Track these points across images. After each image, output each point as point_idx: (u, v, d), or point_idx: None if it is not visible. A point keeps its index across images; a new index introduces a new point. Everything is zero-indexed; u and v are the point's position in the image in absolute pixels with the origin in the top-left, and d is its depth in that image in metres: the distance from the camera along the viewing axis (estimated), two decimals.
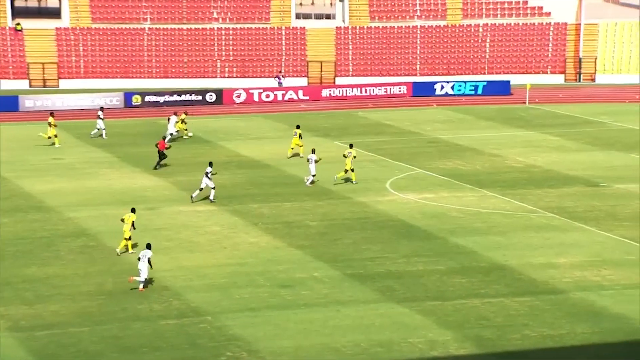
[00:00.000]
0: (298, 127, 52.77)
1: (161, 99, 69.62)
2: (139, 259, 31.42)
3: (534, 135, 57.53)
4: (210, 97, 70.45)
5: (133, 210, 35.93)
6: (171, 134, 55.59)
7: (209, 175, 41.93)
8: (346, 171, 45.29)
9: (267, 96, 71.44)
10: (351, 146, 46.17)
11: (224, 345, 27.30)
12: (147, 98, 69.06)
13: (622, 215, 39.64)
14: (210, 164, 42.78)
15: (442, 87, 73.07)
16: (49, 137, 54.18)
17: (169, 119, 56.47)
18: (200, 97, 70.11)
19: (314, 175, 44.50)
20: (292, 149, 51.57)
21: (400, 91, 73.18)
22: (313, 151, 45.69)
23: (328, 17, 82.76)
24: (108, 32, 78.43)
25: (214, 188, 41.97)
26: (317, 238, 37.31)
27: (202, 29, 79.78)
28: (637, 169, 47.79)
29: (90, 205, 41.93)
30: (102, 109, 58.52)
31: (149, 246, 31.98)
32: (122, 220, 35.30)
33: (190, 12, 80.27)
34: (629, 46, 77.15)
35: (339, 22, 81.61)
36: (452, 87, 73.05)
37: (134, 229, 35.24)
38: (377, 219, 39.53)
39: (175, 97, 69.88)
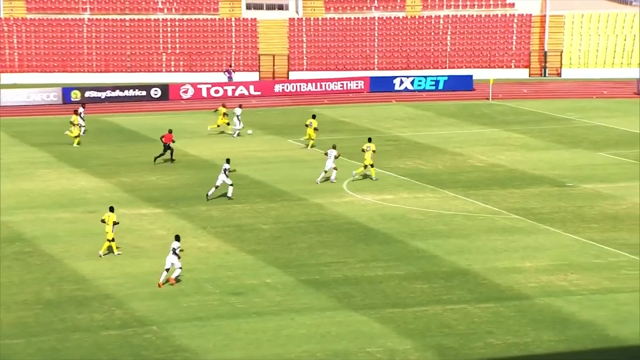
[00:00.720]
0: (314, 116, 53.79)
1: (102, 95, 69.10)
2: (173, 250, 32.11)
3: (498, 132, 58.02)
4: (156, 93, 70.06)
5: (111, 209, 35.96)
6: (238, 131, 56.00)
7: (227, 172, 42.36)
8: (365, 167, 45.76)
9: (217, 92, 71.22)
10: (370, 140, 46.50)
11: (170, 357, 27.15)
12: (87, 93, 68.50)
13: (589, 216, 40.12)
14: (228, 161, 43.17)
15: (402, 82, 73.40)
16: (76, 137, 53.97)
17: (234, 112, 56.64)
18: (144, 93, 69.69)
19: (326, 172, 44.64)
20: (312, 139, 52.74)
21: (357, 86, 73.36)
22: (334, 147, 45.94)
23: (280, 7, 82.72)
24: (44, 23, 77.64)
25: (231, 185, 42.43)
26: (270, 242, 37.26)
27: (146, 19, 79.30)
28: (605, 168, 48.40)
29: (26, 208, 41.48)
30: (83, 105, 58.49)
31: (177, 238, 32.59)
32: (103, 220, 35.36)
33: (134, 1, 79.77)
34: (596, 39, 78.10)
35: (292, 13, 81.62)
36: (412, 82, 73.42)
37: (117, 223, 35.18)
38: (334, 221, 39.58)
39: (118, 93, 69.42)
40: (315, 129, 52.92)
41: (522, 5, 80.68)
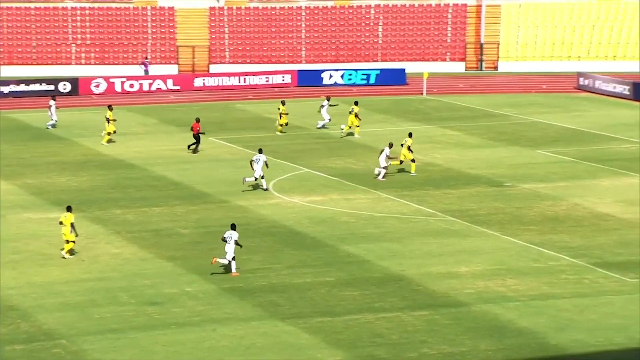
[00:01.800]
0: (356, 103, 55.89)
1: (6, 89, 68.13)
2: (223, 239, 33.70)
3: (432, 129, 58.59)
4: (64, 87, 69.25)
5: (69, 209, 35.63)
6: (324, 124, 57.56)
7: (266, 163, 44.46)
8: (401, 161, 47.18)
9: (131, 86, 70.68)
10: (410, 135, 48.06)
11: None
12: None
13: (527, 218, 40.74)
14: (260, 151, 44.57)
15: (331, 76, 73.68)
16: (109, 134, 54.12)
17: (321, 106, 57.76)
18: (52, 87, 68.83)
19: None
20: (350, 127, 54.95)
21: (283, 81, 73.43)
22: (390, 145, 46.62)
23: None
24: None
25: (262, 177, 43.98)
26: (190, 248, 37.11)
27: (54, 8, 78.32)
28: (544, 167, 49.21)
29: None
30: (54, 97, 58.20)
31: (233, 227, 34.09)
32: (61, 222, 35.17)
33: None
34: (534, 30, 79.29)
35: (213, 2, 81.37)
36: (342, 76, 73.73)
37: (71, 231, 35.06)
38: (259, 225, 39.59)
39: (23, 87, 68.52)
40: (356, 114, 54.91)
41: None
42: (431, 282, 33.41)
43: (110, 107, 55.25)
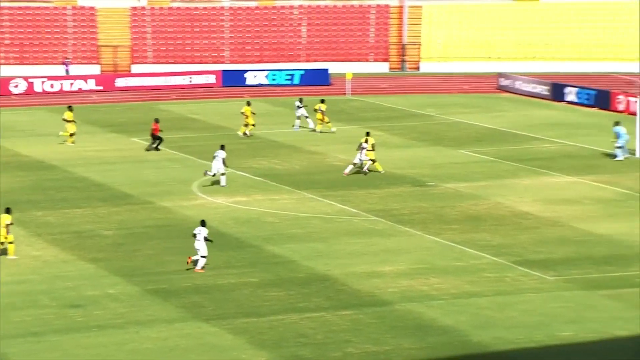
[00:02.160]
0: (322, 101, 56.72)
1: None
2: (194, 235, 33.91)
3: (357, 130, 58.78)
4: None
5: (7, 211, 35.03)
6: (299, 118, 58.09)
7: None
8: (373, 161, 47.54)
9: (52, 86, 69.79)
10: (368, 134, 48.43)
11: None
12: None
13: (450, 217, 41.11)
14: (222, 147, 44.83)
15: (255, 77, 73.59)
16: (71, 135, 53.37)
17: (297, 107, 58.12)
18: None
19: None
20: (321, 124, 56.50)
21: (207, 81, 73.12)
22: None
23: None
24: None
25: (222, 174, 44.55)
26: (113, 250, 36.73)
27: None
28: (466, 166, 49.69)
29: None
30: None
31: (203, 223, 34.31)
32: None
33: None
34: (455, 31, 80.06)
35: (134, 2, 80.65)
36: (266, 77, 73.68)
37: (11, 224, 34.60)
38: (183, 226, 39.32)
39: None
40: (322, 112, 56.09)
41: None
42: (355, 281, 33.52)
43: (70, 108, 54.55)
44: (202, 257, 34.15)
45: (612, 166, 48.87)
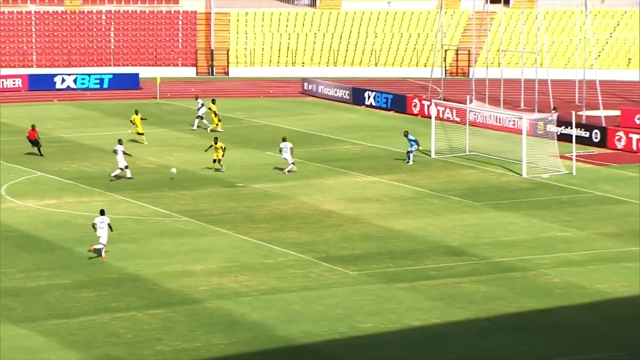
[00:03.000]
0: (213, 101, 58.19)
1: None
2: (93, 225, 34.73)
3: (167, 133, 58.53)
4: None
5: None
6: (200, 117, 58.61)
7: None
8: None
9: None
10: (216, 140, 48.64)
11: None
12: None
13: (258, 217, 41.55)
14: (120, 141, 45.65)
15: (64, 80, 72.10)
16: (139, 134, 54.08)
17: (201, 105, 58.85)
18: None
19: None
20: (216, 124, 57.09)
21: (14, 85, 71.20)
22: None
23: None
24: None
25: (126, 167, 45.69)
26: None
27: None
28: (273, 168, 50.29)
29: None
30: None
31: (102, 212, 35.10)
32: None
33: None
34: (261, 37, 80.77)
35: None
36: (75, 81, 72.32)
37: None
38: None
39: None
40: (215, 112, 57.14)
41: (187, 3, 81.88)
42: (167, 280, 33.47)
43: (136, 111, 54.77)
44: (103, 245, 34.71)
45: (407, 166, 50.51)
